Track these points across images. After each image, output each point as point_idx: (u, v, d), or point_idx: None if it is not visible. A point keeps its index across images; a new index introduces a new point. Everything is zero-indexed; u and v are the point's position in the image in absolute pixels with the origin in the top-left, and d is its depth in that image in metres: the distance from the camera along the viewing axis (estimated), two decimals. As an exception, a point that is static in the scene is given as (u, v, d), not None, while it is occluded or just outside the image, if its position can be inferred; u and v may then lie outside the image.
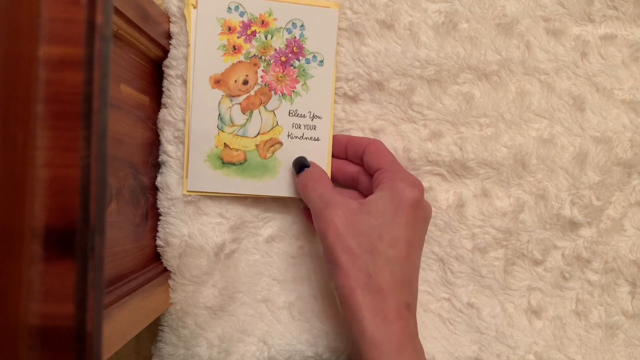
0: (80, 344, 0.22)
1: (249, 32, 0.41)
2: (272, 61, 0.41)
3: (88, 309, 0.22)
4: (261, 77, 0.41)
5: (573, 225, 0.43)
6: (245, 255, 0.43)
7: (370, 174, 0.40)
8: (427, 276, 0.43)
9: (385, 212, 0.35)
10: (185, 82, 0.40)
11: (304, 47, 0.41)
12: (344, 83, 0.42)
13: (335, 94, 0.42)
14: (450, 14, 0.41)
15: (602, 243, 0.43)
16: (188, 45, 0.40)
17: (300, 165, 0.40)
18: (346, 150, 0.41)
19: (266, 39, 0.41)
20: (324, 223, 0.35)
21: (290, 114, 0.42)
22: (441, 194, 0.43)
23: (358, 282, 0.33)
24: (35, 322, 0.22)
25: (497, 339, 0.43)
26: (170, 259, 0.42)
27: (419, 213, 0.36)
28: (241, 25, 0.41)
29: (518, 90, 0.43)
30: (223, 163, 0.41)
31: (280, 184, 0.42)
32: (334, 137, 0.42)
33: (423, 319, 0.43)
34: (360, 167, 0.41)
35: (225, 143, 0.41)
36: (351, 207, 0.36)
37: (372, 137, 0.42)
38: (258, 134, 0.42)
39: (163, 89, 0.41)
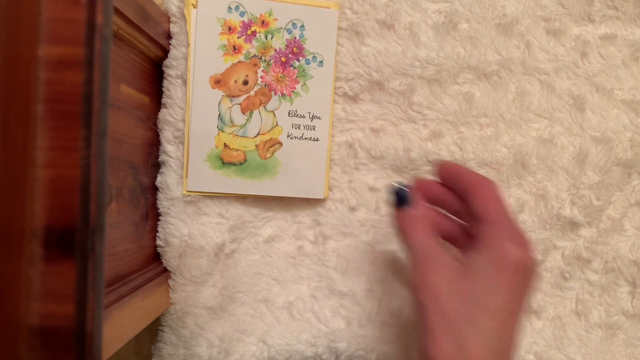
0: (80, 344, 0.22)
1: (249, 32, 0.41)
2: (272, 61, 0.41)
3: (88, 309, 0.22)
4: (261, 77, 0.41)
5: (573, 225, 0.43)
6: (245, 255, 0.43)
7: (470, 216, 0.35)
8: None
9: (486, 276, 0.32)
10: (185, 82, 0.40)
11: (304, 48, 0.41)
12: (344, 83, 0.42)
13: (336, 93, 0.42)
14: (450, 14, 0.41)
15: (602, 243, 0.43)
16: (188, 45, 0.40)
17: (401, 197, 0.36)
18: (450, 177, 0.36)
19: (266, 39, 0.41)
20: (421, 279, 0.33)
21: (290, 115, 0.42)
22: (441, 194, 0.43)
23: (448, 353, 0.30)
24: (35, 322, 0.22)
25: (497, 339, 0.43)
26: (170, 259, 0.42)
27: (523, 276, 0.32)
28: (241, 25, 0.41)
29: (518, 90, 0.43)
30: (223, 163, 0.41)
31: (280, 184, 0.42)
32: (445, 162, 0.37)
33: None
34: (460, 226, 0.37)
35: (225, 143, 0.41)
36: (452, 266, 0.33)
37: (372, 136, 0.42)
38: (258, 134, 0.42)
39: (163, 89, 0.41)
